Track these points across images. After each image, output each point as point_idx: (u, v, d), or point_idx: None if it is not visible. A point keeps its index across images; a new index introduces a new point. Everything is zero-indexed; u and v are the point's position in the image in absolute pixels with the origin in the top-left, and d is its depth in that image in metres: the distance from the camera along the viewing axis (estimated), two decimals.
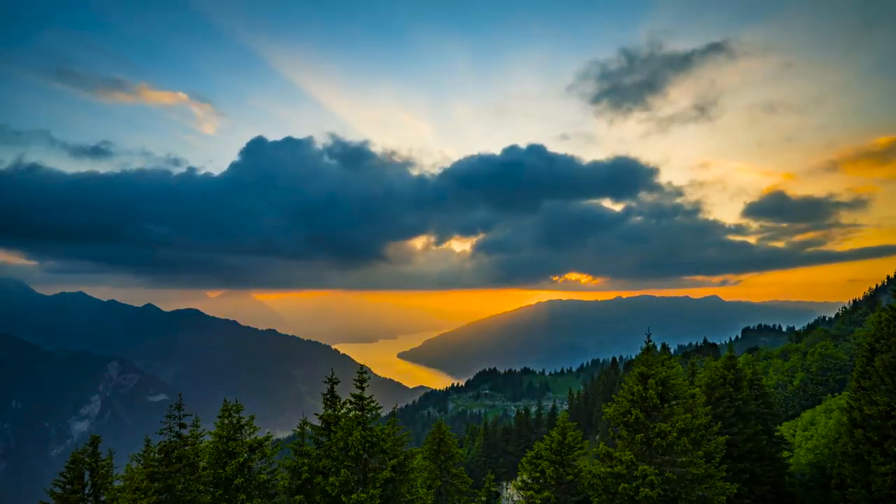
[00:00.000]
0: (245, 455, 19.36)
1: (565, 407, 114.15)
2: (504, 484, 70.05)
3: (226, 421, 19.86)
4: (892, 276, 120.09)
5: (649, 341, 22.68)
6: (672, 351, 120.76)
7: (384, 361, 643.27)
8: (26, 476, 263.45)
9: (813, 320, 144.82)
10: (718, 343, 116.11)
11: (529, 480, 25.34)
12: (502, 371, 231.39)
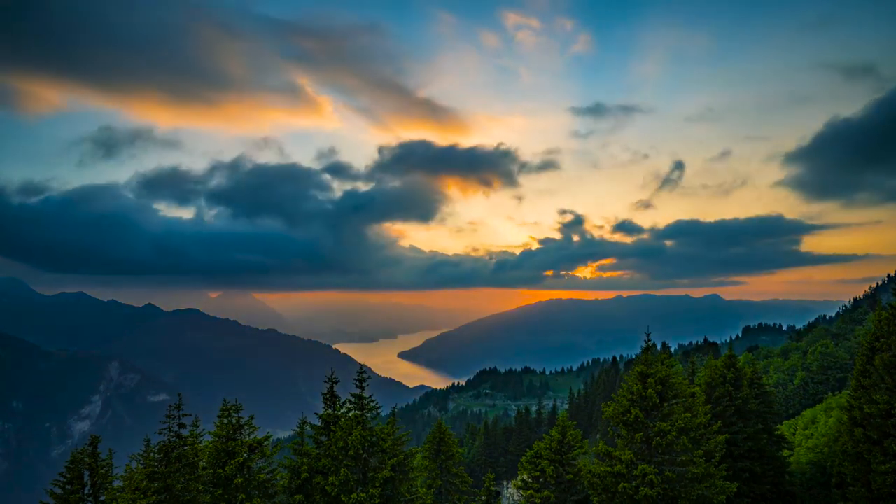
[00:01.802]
0: (244, 455, 19.36)
1: (566, 406, 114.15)
2: (504, 483, 70.10)
3: (225, 421, 19.86)
4: (892, 274, 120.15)
5: (649, 340, 22.66)
6: (672, 350, 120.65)
7: (384, 361, 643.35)
8: (27, 476, 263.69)
9: (813, 319, 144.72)
10: (719, 342, 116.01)
11: (529, 479, 25.34)
12: (502, 370, 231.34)
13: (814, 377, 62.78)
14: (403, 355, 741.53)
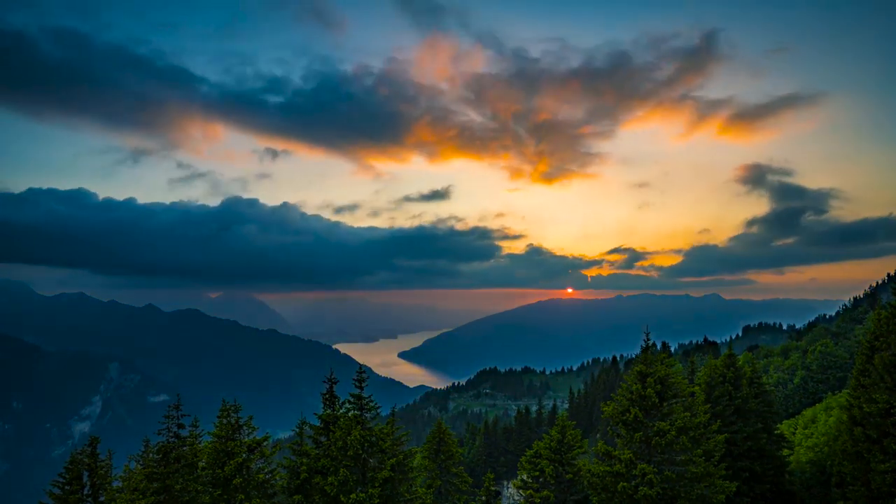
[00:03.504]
0: (243, 455, 19.35)
1: (566, 406, 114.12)
2: (505, 483, 70.08)
3: (224, 421, 19.86)
4: (892, 273, 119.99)
5: (648, 340, 22.64)
6: (672, 349, 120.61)
7: (385, 361, 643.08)
8: (28, 477, 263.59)
9: (814, 318, 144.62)
10: (719, 341, 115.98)
11: (529, 479, 25.36)
12: (503, 370, 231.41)
13: (814, 376, 62.78)
14: (403, 355, 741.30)
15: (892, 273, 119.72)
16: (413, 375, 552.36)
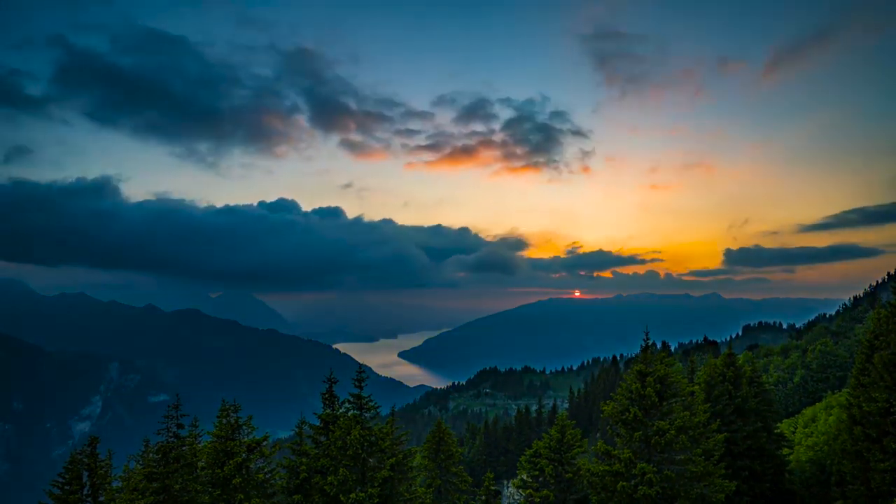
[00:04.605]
0: (243, 455, 19.33)
1: (566, 405, 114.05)
2: (504, 482, 70.07)
3: (224, 421, 19.84)
4: (892, 272, 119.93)
5: (648, 339, 22.64)
6: (672, 349, 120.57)
7: (385, 361, 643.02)
8: (28, 477, 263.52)
9: (813, 317, 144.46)
10: (719, 341, 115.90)
11: (528, 479, 25.34)
12: (503, 370, 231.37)
13: (813, 375, 62.76)
14: (403, 355, 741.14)
15: (892, 272, 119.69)
16: (413, 375, 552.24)
